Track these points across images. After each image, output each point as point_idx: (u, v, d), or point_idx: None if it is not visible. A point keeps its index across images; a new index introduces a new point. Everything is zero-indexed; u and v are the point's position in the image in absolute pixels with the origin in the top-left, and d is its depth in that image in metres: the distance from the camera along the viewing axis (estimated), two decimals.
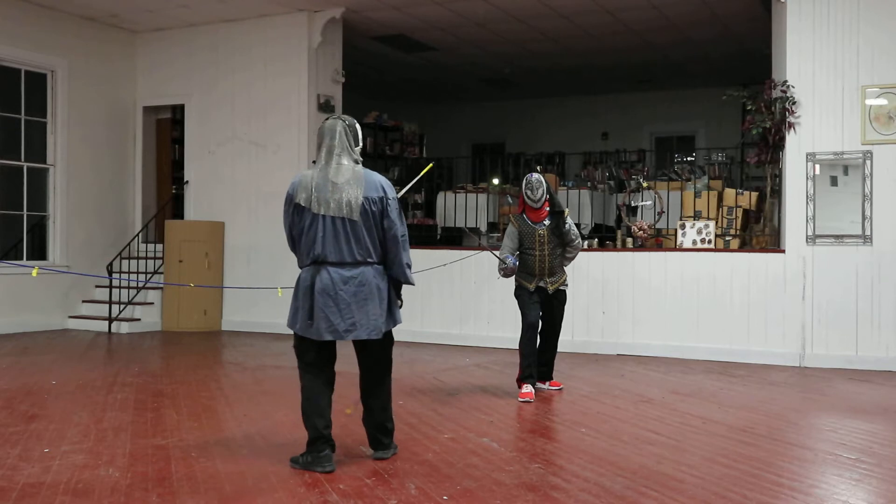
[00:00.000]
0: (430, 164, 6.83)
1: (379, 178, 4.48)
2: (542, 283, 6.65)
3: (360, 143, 4.55)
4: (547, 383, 6.93)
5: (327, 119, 4.56)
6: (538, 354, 6.75)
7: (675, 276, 9.15)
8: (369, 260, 4.42)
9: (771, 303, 8.69)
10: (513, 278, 6.76)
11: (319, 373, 4.50)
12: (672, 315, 9.11)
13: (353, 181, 4.38)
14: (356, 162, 4.48)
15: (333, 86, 11.34)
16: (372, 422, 4.69)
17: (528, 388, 6.52)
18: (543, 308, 6.71)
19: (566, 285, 6.83)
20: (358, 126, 4.57)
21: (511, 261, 6.51)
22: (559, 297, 6.77)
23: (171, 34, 11.89)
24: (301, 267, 4.51)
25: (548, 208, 6.64)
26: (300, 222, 4.43)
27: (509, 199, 11.84)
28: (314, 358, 4.49)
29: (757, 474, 4.44)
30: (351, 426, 5.20)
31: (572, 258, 6.84)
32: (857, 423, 5.91)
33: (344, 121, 4.51)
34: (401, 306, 4.64)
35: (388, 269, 4.50)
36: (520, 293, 6.72)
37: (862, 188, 8.44)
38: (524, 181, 6.68)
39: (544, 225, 6.62)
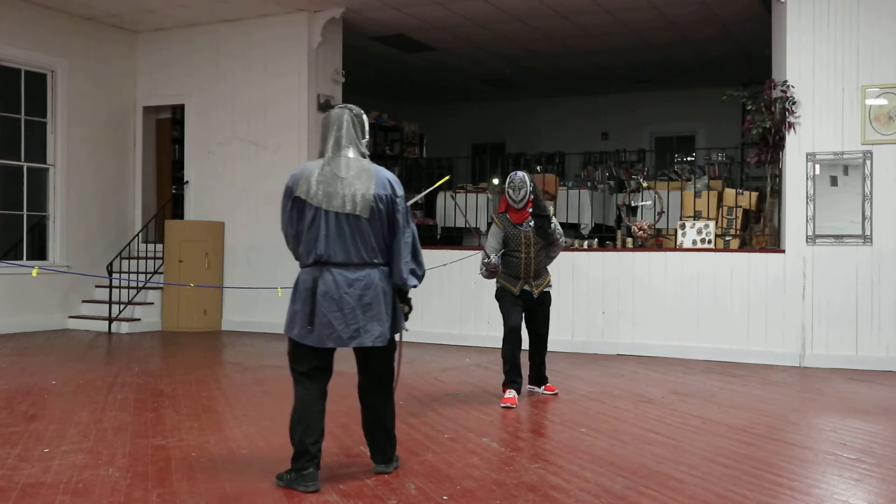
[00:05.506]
0: (447, 177, 6.66)
1: (387, 175, 4.19)
2: (526, 287, 6.40)
3: (368, 136, 4.26)
4: (542, 387, 6.77)
5: (333, 108, 4.26)
6: (530, 359, 6.65)
7: (675, 277, 9.14)
8: (375, 261, 4.14)
9: (771, 303, 8.69)
10: (494, 280, 6.50)
11: (314, 383, 4.16)
12: (672, 315, 9.11)
13: (363, 175, 4.09)
14: (363, 155, 4.20)
15: (333, 86, 11.35)
16: (376, 428, 4.35)
17: (510, 394, 6.30)
18: (528, 312, 6.48)
19: (550, 286, 6.60)
20: (365, 117, 4.29)
21: (495, 259, 6.22)
22: (544, 300, 6.53)
23: (171, 34, 11.90)
24: (302, 267, 4.19)
25: (530, 210, 6.33)
26: (300, 218, 4.10)
27: None
28: (310, 367, 4.15)
29: (757, 474, 4.44)
30: (351, 426, 5.20)
31: (555, 257, 6.62)
32: (857, 423, 5.91)
33: (351, 110, 4.22)
34: (409, 313, 4.36)
35: (391, 271, 4.21)
36: (502, 296, 6.44)
37: (862, 188, 8.44)
38: (507, 179, 6.36)
39: (529, 226, 6.33)
